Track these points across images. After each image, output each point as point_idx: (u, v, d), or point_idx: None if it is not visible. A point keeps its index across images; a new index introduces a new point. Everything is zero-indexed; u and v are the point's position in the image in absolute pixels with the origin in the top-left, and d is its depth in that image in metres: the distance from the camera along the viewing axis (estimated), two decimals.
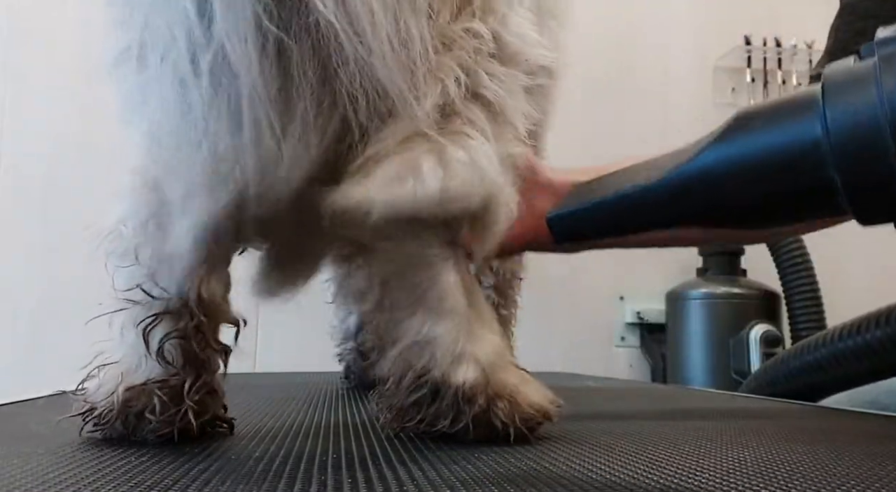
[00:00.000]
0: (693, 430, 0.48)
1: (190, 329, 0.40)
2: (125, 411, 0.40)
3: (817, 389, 0.82)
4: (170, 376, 0.40)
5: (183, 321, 0.40)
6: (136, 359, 0.41)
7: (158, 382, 0.40)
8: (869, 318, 0.78)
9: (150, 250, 0.40)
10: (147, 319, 0.40)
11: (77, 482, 0.29)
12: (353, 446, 0.40)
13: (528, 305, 2.02)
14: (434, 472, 0.32)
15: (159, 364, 0.40)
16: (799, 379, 0.85)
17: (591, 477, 0.32)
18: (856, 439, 0.47)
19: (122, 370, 0.41)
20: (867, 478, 0.32)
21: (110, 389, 0.40)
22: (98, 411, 0.40)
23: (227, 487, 0.29)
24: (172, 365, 0.40)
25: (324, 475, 0.32)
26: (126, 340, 0.41)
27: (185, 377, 0.40)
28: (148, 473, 0.31)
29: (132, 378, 0.40)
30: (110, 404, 0.40)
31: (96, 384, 0.41)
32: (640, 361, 2.00)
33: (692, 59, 2.07)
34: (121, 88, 0.38)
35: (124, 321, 0.41)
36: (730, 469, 0.34)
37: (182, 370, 0.40)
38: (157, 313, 0.40)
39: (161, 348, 0.40)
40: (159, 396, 0.40)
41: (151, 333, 0.40)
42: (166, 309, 0.40)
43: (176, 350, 0.40)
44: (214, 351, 0.42)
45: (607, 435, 0.45)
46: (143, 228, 0.40)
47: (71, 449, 0.37)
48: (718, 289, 1.80)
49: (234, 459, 0.35)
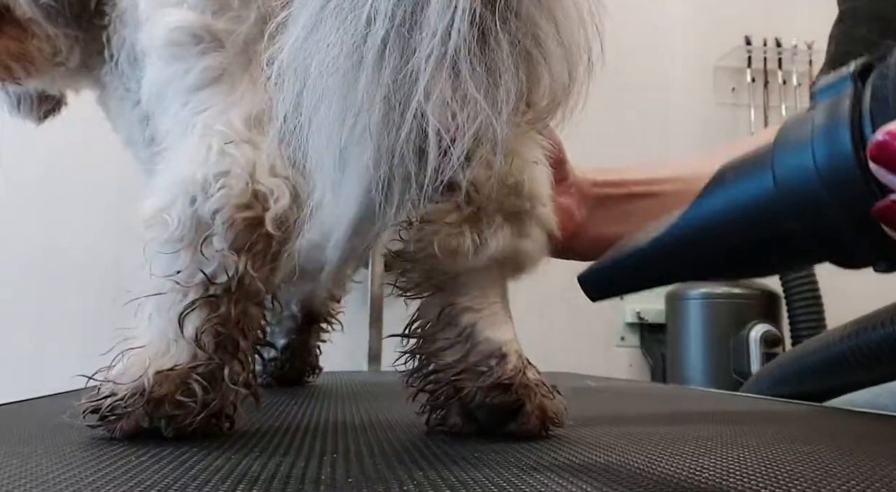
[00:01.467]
0: (693, 430, 0.48)
1: (233, 316, 0.40)
2: (150, 395, 0.39)
3: (816, 395, 0.82)
4: (202, 361, 0.40)
5: (224, 307, 0.40)
6: (164, 345, 0.41)
7: (191, 367, 0.40)
8: (867, 319, 0.78)
9: (200, 237, 0.40)
10: (186, 304, 0.40)
11: (77, 482, 0.29)
12: (352, 445, 0.40)
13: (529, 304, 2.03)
14: (434, 472, 0.32)
15: (191, 350, 0.40)
16: (798, 385, 0.85)
17: (591, 477, 0.32)
18: (856, 440, 0.47)
19: (148, 355, 0.40)
20: (868, 478, 0.32)
21: (137, 372, 0.40)
22: (121, 395, 0.40)
23: (228, 486, 0.29)
24: (205, 351, 0.40)
25: (323, 474, 0.32)
26: (155, 325, 0.41)
27: (222, 364, 0.40)
28: (148, 472, 0.31)
29: (160, 362, 0.40)
30: (138, 387, 0.39)
31: (120, 369, 0.41)
32: (640, 361, 2.01)
33: (693, 60, 2.07)
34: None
35: (156, 307, 0.41)
36: (730, 469, 0.34)
37: (214, 356, 0.40)
38: (197, 298, 0.40)
39: (197, 334, 0.40)
40: (197, 380, 0.39)
41: (186, 319, 0.40)
42: (206, 294, 0.40)
43: (209, 337, 0.40)
44: (252, 342, 0.42)
45: (607, 435, 0.45)
46: (192, 217, 0.40)
47: (71, 449, 0.37)
48: (718, 289, 1.80)
49: (234, 458, 0.35)
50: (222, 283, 0.40)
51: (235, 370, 0.41)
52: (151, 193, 0.42)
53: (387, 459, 0.36)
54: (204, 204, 0.40)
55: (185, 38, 0.43)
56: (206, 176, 0.41)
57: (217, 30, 0.43)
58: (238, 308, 0.41)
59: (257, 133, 0.42)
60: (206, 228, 0.40)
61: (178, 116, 0.44)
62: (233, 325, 0.41)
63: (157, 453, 0.36)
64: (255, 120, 0.42)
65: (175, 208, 0.41)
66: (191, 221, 0.40)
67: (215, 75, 0.43)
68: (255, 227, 0.41)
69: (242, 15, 0.43)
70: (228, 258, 0.40)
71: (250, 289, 0.41)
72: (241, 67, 0.43)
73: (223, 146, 0.41)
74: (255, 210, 0.41)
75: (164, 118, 0.46)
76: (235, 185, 0.40)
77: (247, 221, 0.40)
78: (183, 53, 0.43)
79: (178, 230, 0.41)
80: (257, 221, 0.41)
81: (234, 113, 0.43)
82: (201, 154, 0.41)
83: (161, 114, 0.46)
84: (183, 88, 0.44)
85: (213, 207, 0.40)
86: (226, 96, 0.43)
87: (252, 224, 0.41)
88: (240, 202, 0.40)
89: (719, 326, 1.76)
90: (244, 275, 0.41)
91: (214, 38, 0.43)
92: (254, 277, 0.41)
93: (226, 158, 0.41)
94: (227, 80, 0.43)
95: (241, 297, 0.41)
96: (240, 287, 0.41)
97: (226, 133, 0.42)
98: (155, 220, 0.41)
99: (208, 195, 0.40)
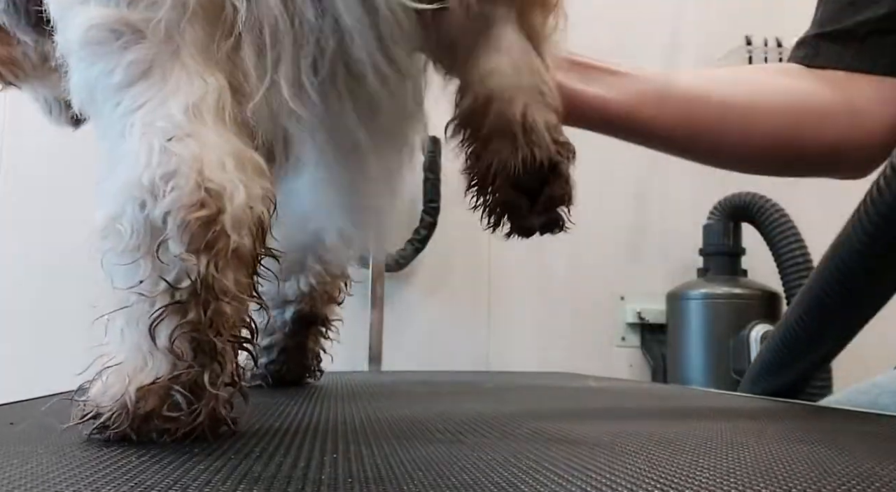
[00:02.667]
0: (693, 429, 0.48)
1: (204, 320, 0.39)
2: (136, 412, 0.39)
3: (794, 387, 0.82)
4: (182, 371, 0.39)
5: (193, 313, 0.39)
6: (140, 358, 0.40)
7: (171, 378, 0.39)
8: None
9: (155, 242, 0.39)
10: (153, 314, 0.39)
11: (77, 482, 0.29)
12: (352, 445, 0.40)
13: (529, 304, 2.02)
14: (433, 472, 0.32)
15: (169, 360, 0.39)
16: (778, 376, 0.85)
17: (590, 477, 0.32)
18: (855, 439, 0.47)
19: (127, 372, 0.39)
20: (867, 478, 0.32)
21: (119, 391, 0.39)
22: (106, 415, 0.39)
23: (228, 487, 0.29)
24: (183, 359, 0.39)
25: (324, 475, 0.32)
26: (128, 339, 0.40)
27: (202, 370, 0.39)
28: (148, 473, 0.31)
29: (140, 378, 0.39)
30: (121, 406, 0.39)
31: (100, 388, 0.40)
32: (640, 361, 2.01)
33: (693, 59, 2.07)
34: None
35: (125, 321, 0.40)
36: (730, 469, 0.34)
37: (194, 363, 0.39)
38: (164, 307, 0.39)
39: (171, 343, 0.39)
40: (179, 391, 0.39)
41: (157, 329, 0.39)
42: (172, 300, 0.39)
43: (184, 344, 0.39)
44: (229, 342, 0.41)
45: (607, 435, 0.45)
46: (144, 223, 0.39)
47: (70, 449, 0.37)
48: (719, 289, 1.80)
49: (235, 458, 0.35)
50: (186, 287, 0.39)
51: (215, 372, 0.40)
52: (101, 202, 0.41)
53: (387, 459, 0.36)
54: (154, 208, 0.39)
55: (103, 34, 0.41)
56: (152, 178, 0.39)
57: (134, 20, 0.41)
58: (209, 310, 0.39)
59: (200, 124, 0.41)
60: (159, 233, 0.39)
61: (111, 118, 0.42)
62: (206, 328, 0.39)
63: (157, 454, 0.36)
64: (195, 109, 0.41)
65: (126, 216, 0.39)
66: (144, 228, 0.39)
67: (143, 68, 0.41)
68: (210, 224, 0.39)
69: (157, 1, 0.41)
70: (188, 261, 0.39)
71: (217, 289, 0.39)
72: (170, 56, 0.41)
73: (165, 144, 0.40)
74: (209, 208, 0.39)
75: (99, 121, 0.44)
76: (185, 184, 0.39)
77: (200, 220, 0.39)
78: (104, 51, 0.41)
79: (133, 239, 0.39)
80: (211, 220, 0.39)
81: (172, 105, 0.41)
82: (143, 155, 0.40)
83: (95, 117, 0.44)
84: (111, 87, 0.42)
85: (164, 210, 0.39)
86: (159, 89, 0.41)
87: (206, 222, 0.39)
88: (191, 202, 0.39)
89: (720, 327, 1.76)
90: (206, 276, 0.39)
91: (134, 30, 0.41)
92: (216, 277, 0.39)
93: (170, 156, 0.39)
94: (158, 72, 0.41)
95: (210, 298, 0.39)
96: (206, 289, 0.39)
97: (166, 129, 0.40)
98: (108, 230, 0.40)
99: (157, 198, 0.39)
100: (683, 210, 2.01)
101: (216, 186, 0.40)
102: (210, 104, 0.41)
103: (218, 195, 0.40)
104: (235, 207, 0.40)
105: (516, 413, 0.59)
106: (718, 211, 1.88)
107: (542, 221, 0.56)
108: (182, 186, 0.39)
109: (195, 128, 0.41)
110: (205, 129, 0.41)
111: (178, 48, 0.41)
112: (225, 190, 0.40)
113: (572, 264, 1.97)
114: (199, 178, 0.39)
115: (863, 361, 1.15)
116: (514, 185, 0.54)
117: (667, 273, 1.98)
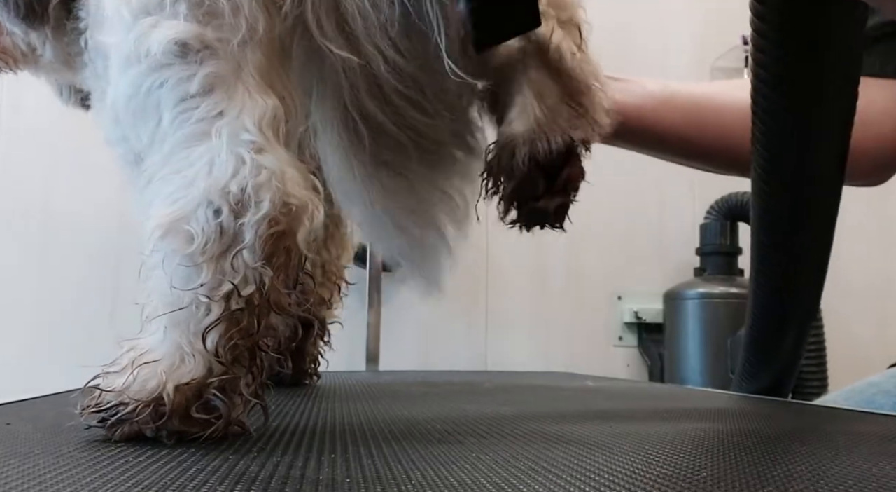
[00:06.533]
0: (691, 429, 0.49)
1: (255, 329, 0.40)
2: (170, 409, 0.39)
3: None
4: (218, 376, 0.40)
5: (246, 321, 0.40)
6: (178, 358, 0.40)
7: (207, 381, 0.40)
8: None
9: (223, 249, 0.40)
10: (209, 318, 0.39)
11: (75, 483, 0.29)
12: (351, 445, 0.40)
13: (527, 304, 2.02)
14: (432, 472, 0.33)
15: (206, 363, 0.40)
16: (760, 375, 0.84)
17: (589, 477, 0.32)
18: (853, 439, 0.47)
19: (163, 369, 0.40)
20: (864, 478, 0.32)
21: (155, 386, 0.39)
22: (130, 408, 0.39)
23: (225, 487, 0.29)
24: (223, 364, 0.40)
25: (322, 474, 0.32)
26: (170, 338, 0.40)
27: (238, 377, 0.40)
28: (146, 473, 0.31)
29: (177, 376, 0.40)
30: (156, 400, 0.39)
31: (133, 382, 0.40)
32: (637, 361, 2.01)
33: (690, 60, 2.07)
34: None
35: (171, 320, 0.40)
36: (727, 468, 0.34)
37: (231, 369, 0.40)
38: (221, 312, 0.40)
39: (216, 348, 0.40)
40: (215, 394, 0.39)
41: (209, 333, 0.39)
42: (228, 307, 0.40)
43: (228, 350, 0.40)
44: (264, 352, 0.42)
45: (606, 434, 0.45)
46: (216, 229, 0.40)
47: (69, 449, 0.37)
48: (716, 289, 1.80)
49: (232, 458, 0.35)
50: (247, 296, 0.40)
51: (247, 382, 0.41)
52: (160, 202, 0.41)
53: (385, 459, 0.36)
54: (232, 216, 0.40)
55: (182, 47, 0.43)
56: (242, 187, 0.40)
57: (209, 38, 0.43)
58: (262, 321, 0.41)
59: (268, 140, 0.42)
60: (230, 241, 0.40)
61: (177, 122, 0.43)
62: (253, 337, 0.41)
63: (154, 454, 0.36)
64: (263, 125, 0.42)
65: (197, 220, 0.40)
66: (215, 234, 0.40)
67: (213, 82, 0.43)
68: (284, 239, 0.40)
69: (234, 24, 0.43)
70: (257, 271, 0.40)
71: (274, 302, 0.41)
72: (234, 74, 0.43)
73: (255, 156, 0.41)
74: (287, 223, 0.40)
75: (149, 124, 0.44)
76: (275, 198, 0.40)
77: (276, 235, 0.40)
78: (181, 61, 0.43)
79: (202, 243, 0.40)
80: (288, 234, 0.40)
81: (245, 118, 0.42)
82: (231, 164, 0.41)
83: (144, 119, 0.45)
84: (183, 94, 0.43)
85: (247, 221, 0.40)
86: (229, 102, 0.42)
87: (280, 237, 0.40)
88: (276, 215, 0.40)
89: (717, 326, 1.76)
90: (271, 288, 0.40)
91: (209, 47, 0.43)
92: (279, 290, 0.41)
93: (260, 169, 0.41)
94: (223, 88, 0.43)
95: (267, 310, 0.41)
96: (266, 300, 0.40)
97: (256, 142, 0.41)
98: (173, 230, 0.40)
99: (241, 208, 0.40)
100: (680, 210, 2.02)
101: (298, 202, 0.41)
102: (270, 122, 0.43)
103: (298, 212, 0.41)
104: (313, 225, 0.41)
105: (515, 413, 0.59)
106: (715, 211, 1.88)
107: (557, 203, 0.56)
108: (273, 200, 0.40)
109: (266, 143, 0.42)
110: (276, 145, 0.42)
111: (240, 68, 0.43)
112: (306, 208, 0.41)
113: (570, 264, 1.98)
114: (283, 193, 0.41)
115: (859, 361, 1.15)
116: (537, 163, 0.54)
117: (664, 273, 1.98)
